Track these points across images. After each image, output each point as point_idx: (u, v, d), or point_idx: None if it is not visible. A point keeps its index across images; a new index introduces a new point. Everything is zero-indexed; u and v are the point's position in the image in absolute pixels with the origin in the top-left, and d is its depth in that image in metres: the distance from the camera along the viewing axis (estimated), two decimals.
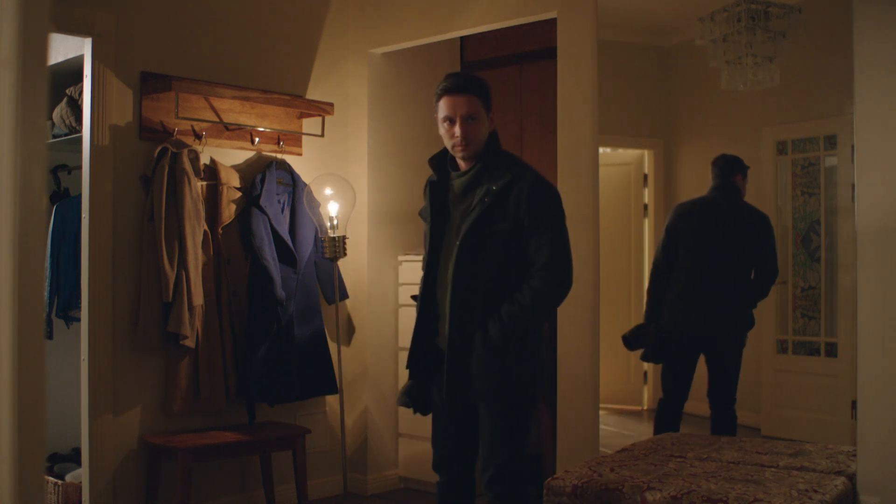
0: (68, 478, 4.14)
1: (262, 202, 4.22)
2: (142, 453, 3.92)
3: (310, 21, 4.70)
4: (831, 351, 4.10)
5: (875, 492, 2.85)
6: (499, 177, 2.83)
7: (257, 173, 4.32)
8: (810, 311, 4.20)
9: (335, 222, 4.39)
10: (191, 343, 3.92)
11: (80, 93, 4.06)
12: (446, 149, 2.96)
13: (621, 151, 4.91)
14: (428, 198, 3.02)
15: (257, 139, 4.39)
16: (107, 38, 3.83)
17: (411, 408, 3.07)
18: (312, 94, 4.65)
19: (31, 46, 1.13)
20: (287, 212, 4.38)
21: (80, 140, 3.98)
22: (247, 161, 4.37)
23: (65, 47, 4.12)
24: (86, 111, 3.82)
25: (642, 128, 4.82)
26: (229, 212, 4.19)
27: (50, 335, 4.39)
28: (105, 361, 3.81)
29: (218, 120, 4.22)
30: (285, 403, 4.39)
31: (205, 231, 4.05)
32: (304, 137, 4.61)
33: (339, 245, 4.37)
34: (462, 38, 5.14)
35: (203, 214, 4.03)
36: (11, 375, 1.11)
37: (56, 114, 4.32)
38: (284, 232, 4.31)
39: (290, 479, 4.27)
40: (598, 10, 3.91)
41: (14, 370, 1.11)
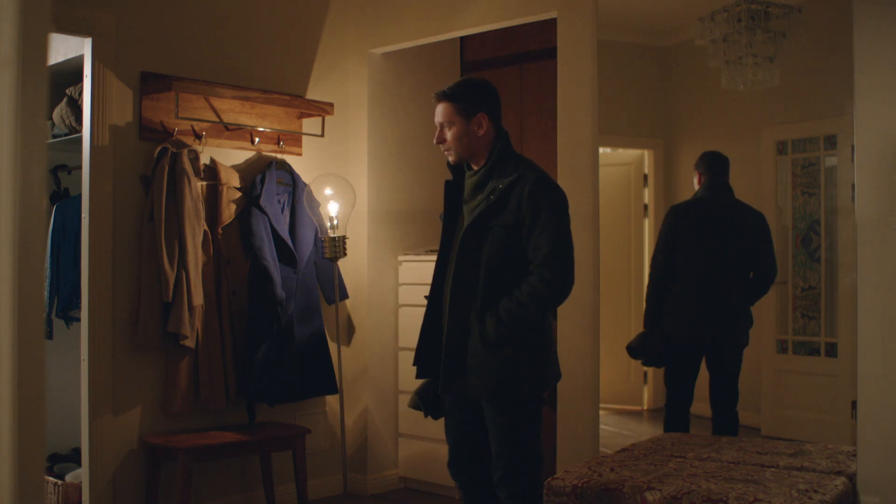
0: (68, 478, 4.14)
1: (262, 202, 4.22)
2: (142, 453, 3.92)
3: (310, 21, 4.70)
4: (831, 351, 4.10)
5: (875, 492, 2.85)
6: (505, 175, 2.87)
7: (257, 173, 4.32)
8: (810, 311, 4.20)
9: (335, 222, 4.39)
10: (191, 343, 3.92)
11: (80, 93, 4.06)
12: None
13: (621, 151, 4.91)
14: (444, 197, 3.07)
15: (257, 139, 4.39)
16: (107, 38, 3.83)
17: (422, 411, 3.08)
18: (312, 94, 4.65)
19: (31, 46, 1.13)
20: (287, 212, 4.38)
21: (80, 140, 3.98)
22: (247, 161, 4.37)
23: (65, 47, 4.12)
24: (86, 111, 3.82)
25: (642, 128, 4.82)
26: (229, 212, 4.20)
27: (50, 335, 4.39)
28: (105, 361, 3.81)
29: (218, 120, 4.22)
30: (285, 403, 4.39)
31: (205, 231, 4.05)
32: (304, 137, 4.61)
33: (339, 245, 4.37)
34: (462, 38, 5.14)
35: (203, 214, 4.03)
36: (11, 375, 1.11)
37: (56, 114, 4.32)
38: (284, 232, 4.31)
39: (290, 479, 4.27)
40: (598, 10, 3.91)
41: (14, 370, 1.11)
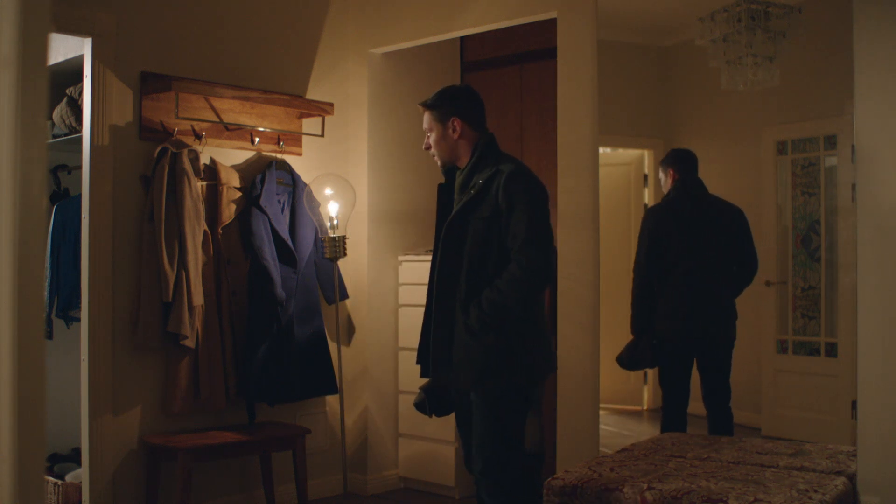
0: (68, 478, 4.14)
1: (262, 202, 4.22)
2: (142, 453, 3.92)
3: (310, 21, 4.70)
4: (831, 351, 4.10)
5: (875, 492, 2.85)
6: (485, 169, 3.00)
7: (257, 173, 4.32)
8: (810, 311, 4.20)
9: (335, 222, 4.39)
10: (191, 343, 3.92)
11: (80, 93, 4.06)
12: None
13: (621, 151, 4.91)
14: (437, 200, 3.20)
15: (257, 139, 4.39)
16: (107, 38, 3.83)
17: (425, 410, 3.12)
18: (312, 94, 4.65)
19: (31, 46, 1.13)
20: (287, 212, 4.38)
21: (80, 140, 3.98)
22: (247, 161, 4.37)
23: (65, 47, 4.12)
24: (86, 111, 3.82)
25: (642, 128, 4.82)
26: (229, 212, 4.19)
27: (50, 335, 4.39)
28: (105, 361, 3.81)
29: (218, 120, 4.22)
30: (285, 403, 4.39)
31: (205, 231, 4.05)
32: (304, 137, 4.61)
33: (339, 245, 4.37)
34: (462, 38, 5.14)
35: (203, 214, 4.03)
36: (11, 375, 1.11)
37: (56, 114, 4.32)
38: (284, 232, 4.31)
39: (290, 479, 4.27)
40: (598, 10, 3.91)
41: (14, 370, 1.11)
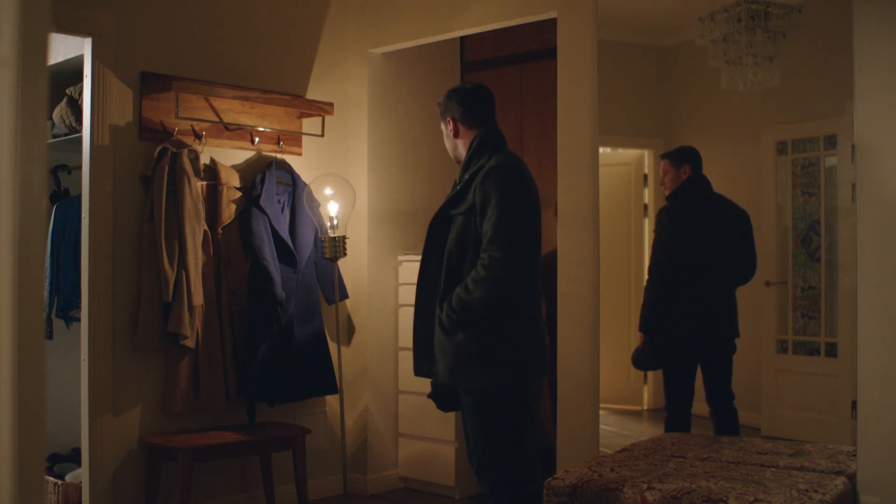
0: (68, 478, 4.14)
1: (262, 202, 4.22)
2: (142, 453, 3.92)
3: (310, 21, 4.70)
4: (831, 351, 4.10)
5: (875, 492, 2.85)
6: (474, 166, 3.02)
7: (257, 173, 4.32)
8: (810, 311, 4.20)
9: (335, 222, 4.39)
10: (191, 343, 3.92)
11: (80, 93, 4.06)
12: None
13: (621, 151, 4.91)
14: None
15: (257, 139, 4.39)
16: (107, 38, 3.83)
17: (436, 402, 3.19)
18: (312, 94, 4.65)
19: (31, 46, 1.13)
20: (287, 212, 4.38)
21: (80, 140, 3.98)
22: (247, 161, 4.37)
23: (65, 47, 4.12)
24: (86, 111, 3.82)
25: (642, 128, 4.82)
26: (229, 212, 4.20)
27: (50, 335, 4.39)
28: (105, 361, 3.81)
29: (218, 120, 4.22)
30: (285, 403, 4.39)
31: (205, 231, 4.05)
32: (304, 137, 4.61)
33: (339, 245, 4.37)
34: (462, 38, 5.14)
35: (203, 214, 4.03)
36: (11, 375, 1.11)
37: (56, 114, 4.32)
38: (284, 232, 4.31)
39: (290, 479, 4.27)
40: (598, 10, 3.91)
41: (14, 370, 1.11)
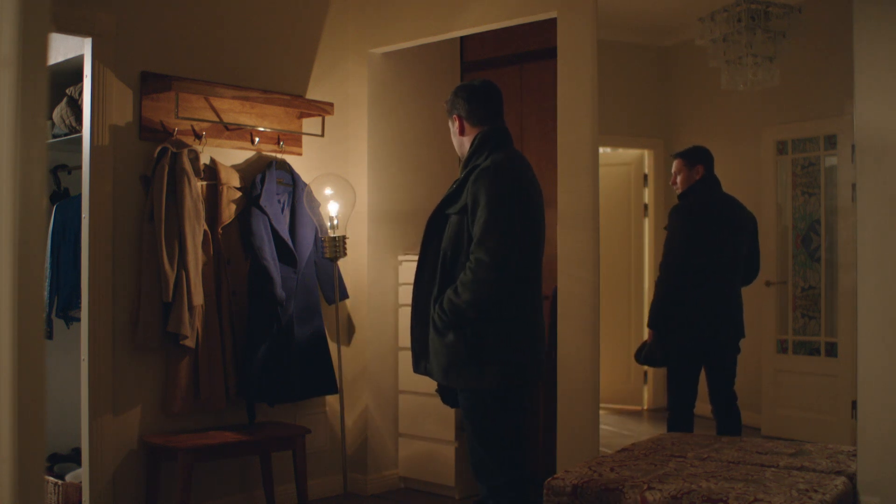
0: (68, 478, 4.14)
1: (262, 202, 4.22)
2: (142, 453, 3.92)
3: (310, 21, 4.70)
4: (831, 351, 4.10)
5: (875, 492, 2.85)
6: (469, 165, 3.00)
7: (257, 173, 4.32)
8: (810, 311, 4.20)
9: (335, 222, 4.39)
10: (191, 343, 3.92)
11: (80, 93, 4.06)
12: None
13: (621, 151, 4.91)
14: None
15: (257, 139, 4.39)
16: (107, 38, 3.83)
17: (441, 397, 3.21)
18: (312, 94, 4.65)
19: (31, 46, 1.13)
20: (287, 212, 4.38)
21: (80, 140, 3.98)
22: (247, 161, 4.37)
23: (65, 47, 4.12)
24: (86, 111, 3.82)
25: (642, 128, 4.82)
26: (229, 212, 4.20)
27: (50, 335, 4.39)
28: (105, 361, 3.81)
29: (218, 120, 4.22)
30: (285, 403, 4.39)
31: (205, 231, 4.05)
32: (304, 137, 4.61)
33: (339, 245, 4.37)
34: (462, 38, 5.14)
35: (203, 214, 4.03)
36: (11, 375, 1.11)
37: (56, 114, 4.32)
38: (284, 232, 4.31)
39: (290, 479, 4.27)
40: (598, 10, 3.91)
41: (14, 370, 1.11)
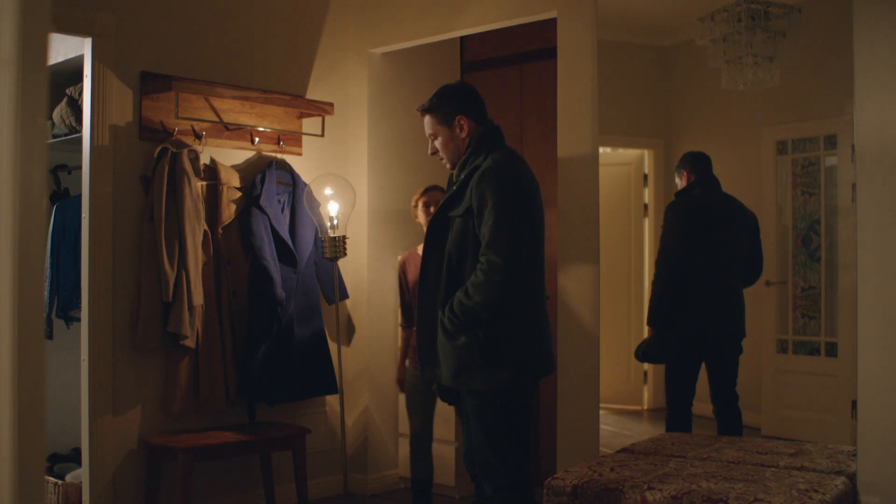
0: (68, 478, 4.14)
1: (262, 202, 4.22)
2: (142, 453, 3.92)
3: (310, 21, 4.70)
4: (831, 351, 4.10)
5: (875, 492, 2.85)
6: (471, 165, 2.96)
7: (257, 173, 4.32)
8: (810, 311, 4.20)
9: (335, 222, 4.39)
10: (191, 343, 3.92)
11: (80, 93, 4.06)
12: None
13: (621, 151, 4.90)
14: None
15: (257, 139, 4.39)
16: (107, 38, 3.83)
17: (440, 396, 3.24)
18: (312, 94, 4.65)
19: (31, 46, 1.13)
20: (287, 212, 4.38)
21: (80, 140, 3.98)
22: (247, 161, 4.37)
23: (65, 47, 4.12)
24: (86, 111, 3.82)
25: (642, 128, 4.82)
26: (229, 212, 4.20)
27: (50, 335, 4.39)
28: (105, 361, 3.81)
29: (218, 120, 4.22)
30: (285, 403, 4.39)
31: (205, 231, 4.05)
32: (304, 137, 4.61)
33: (339, 245, 4.37)
34: (462, 38, 5.14)
35: (203, 214, 4.03)
36: (11, 375, 1.11)
37: (56, 114, 4.32)
38: (284, 232, 4.31)
39: (290, 479, 4.27)
40: (598, 10, 3.91)
41: (14, 370, 1.11)
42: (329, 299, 4.55)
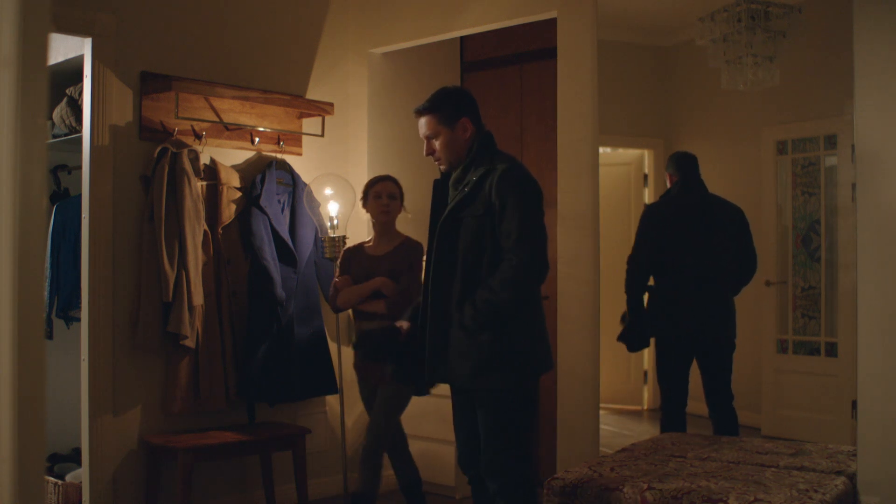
0: (68, 478, 4.14)
1: (262, 202, 4.22)
2: (142, 453, 3.92)
3: (310, 21, 4.70)
4: (831, 351, 4.10)
5: (875, 492, 2.85)
6: (480, 167, 2.94)
7: (257, 173, 4.32)
8: (810, 311, 4.20)
9: (335, 222, 4.38)
10: (191, 343, 3.92)
11: (80, 93, 4.06)
12: None
13: (621, 151, 4.91)
14: (432, 198, 3.12)
15: (257, 139, 4.39)
16: (107, 38, 3.83)
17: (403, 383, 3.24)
18: (312, 94, 4.65)
19: (31, 46, 1.13)
20: (287, 212, 4.38)
21: (80, 140, 3.98)
22: (247, 161, 4.37)
23: (65, 47, 4.12)
24: (86, 111, 3.82)
25: (642, 128, 4.82)
26: (229, 212, 4.20)
27: (50, 335, 4.39)
28: (105, 361, 3.81)
29: (218, 120, 4.22)
30: (285, 403, 4.39)
31: (205, 231, 4.05)
32: (304, 137, 4.61)
33: (339, 245, 4.37)
34: (462, 38, 5.14)
35: (203, 214, 4.03)
36: (11, 375, 1.11)
37: (56, 114, 4.32)
38: (284, 232, 4.31)
39: (290, 479, 4.26)
40: (598, 10, 3.91)
41: (14, 370, 1.11)
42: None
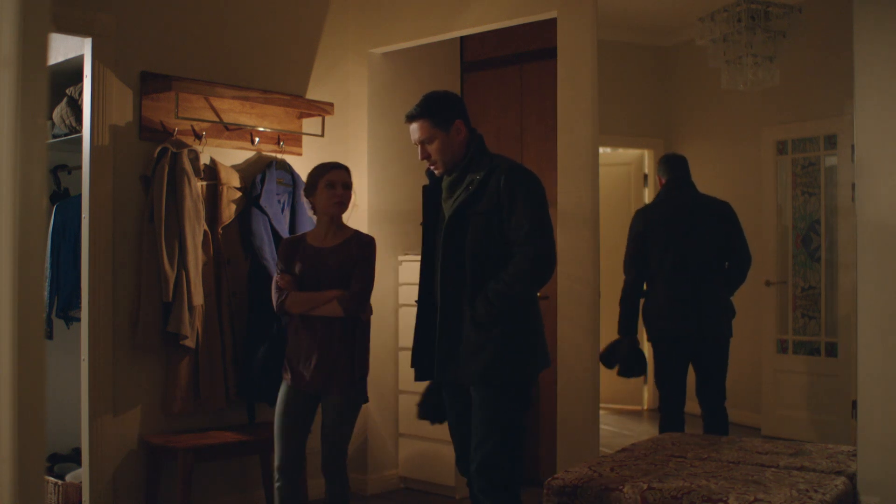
0: (68, 478, 4.14)
1: (262, 202, 4.22)
2: (142, 453, 3.92)
3: (310, 21, 4.70)
4: (831, 351, 4.10)
5: (875, 492, 2.85)
6: (481, 168, 2.98)
7: (257, 173, 4.32)
8: (810, 311, 4.20)
9: None
10: (191, 343, 3.92)
11: (80, 93, 4.06)
12: None
13: (621, 151, 4.91)
14: (423, 202, 3.16)
15: (257, 139, 4.39)
16: (107, 38, 3.83)
17: (428, 419, 3.21)
18: (312, 94, 4.65)
19: (31, 46, 1.13)
20: (287, 212, 4.38)
21: (80, 140, 3.98)
22: (247, 161, 4.37)
23: (65, 47, 4.12)
24: (86, 111, 3.82)
25: (642, 128, 4.82)
26: (229, 212, 4.20)
27: (50, 335, 4.39)
28: (105, 361, 3.81)
29: (218, 120, 4.22)
30: None
31: (205, 231, 4.05)
32: (304, 137, 4.61)
33: None
34: (462, 38, 5.14)
35: (203, 214, 4.03)
36: (11, 375, 1.11)
37: (56, 114, 4.32)
38: (284, 232, 4.30)
39: None
40: (598, 10, 3.91)
41: (14, 370, 1.11)
42: None
